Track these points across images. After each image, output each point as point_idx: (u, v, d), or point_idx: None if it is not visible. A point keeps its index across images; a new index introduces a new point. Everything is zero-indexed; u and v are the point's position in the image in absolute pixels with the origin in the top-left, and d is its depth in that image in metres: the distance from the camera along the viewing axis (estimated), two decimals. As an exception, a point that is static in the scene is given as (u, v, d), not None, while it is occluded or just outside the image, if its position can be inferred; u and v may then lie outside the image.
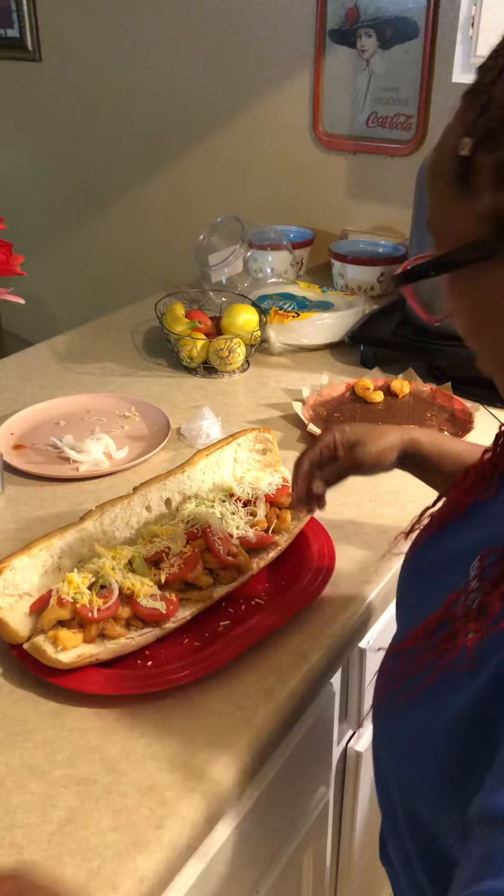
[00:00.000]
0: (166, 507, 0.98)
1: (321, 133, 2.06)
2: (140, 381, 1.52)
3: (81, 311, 2.21)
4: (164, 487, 0.98)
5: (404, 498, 1.13)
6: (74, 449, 1.24)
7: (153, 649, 0.87)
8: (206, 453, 1.03)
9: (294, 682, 0.84)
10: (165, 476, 0.99)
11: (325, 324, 1.61)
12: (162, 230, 2.50)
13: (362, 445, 0.88)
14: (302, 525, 1.01)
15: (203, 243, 1.83)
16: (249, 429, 1.09)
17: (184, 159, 2.37)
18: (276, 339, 1.60)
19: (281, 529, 0.99)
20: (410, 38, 1.85)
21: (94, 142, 2.56)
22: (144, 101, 2.38)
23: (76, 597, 0.83)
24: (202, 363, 1.53)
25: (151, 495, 0.97)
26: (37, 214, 2.79)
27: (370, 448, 0.87)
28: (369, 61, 1.93)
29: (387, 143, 1.96)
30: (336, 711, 1.00)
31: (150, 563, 0.89)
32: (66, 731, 0.78)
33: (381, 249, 1.94)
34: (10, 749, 0.76)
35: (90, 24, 2.40)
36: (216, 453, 1.04)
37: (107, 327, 1.78)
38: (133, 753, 0.75)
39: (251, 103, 2.16)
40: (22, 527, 1.08)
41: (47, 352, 1.65)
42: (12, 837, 0.67)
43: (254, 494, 0.99)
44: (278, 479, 1.02)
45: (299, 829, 0.99)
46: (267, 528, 0.97)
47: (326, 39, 1.97)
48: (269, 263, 1.90)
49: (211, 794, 0.72)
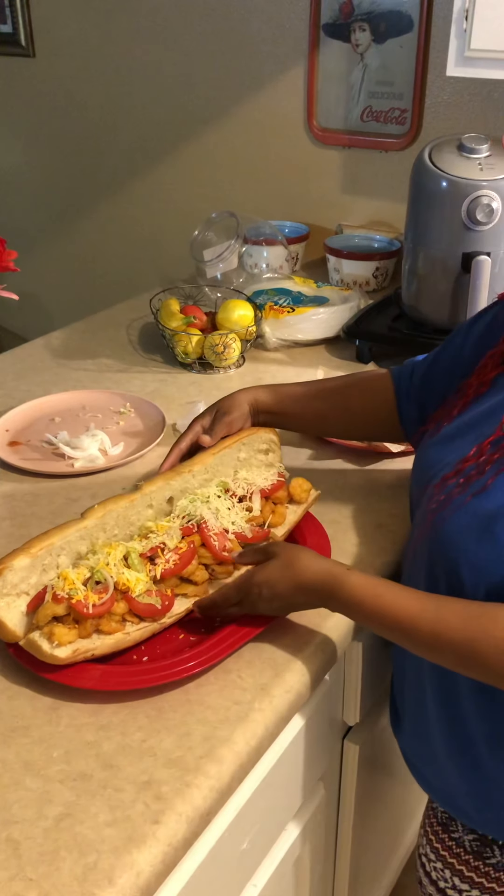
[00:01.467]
0: (168, 506, 0.97)
1: (315, 127, 2.05)
2: (135, 376, 1.52)
3: (76, 307, 2.21)
4: (168, 487, 0.97)
5: (399, 492, 1.13)
6: (70, 445, 1.24)
7: (149, 645, 0.87)
8: (213, 452, 1.01)
9: (290, 677, 0.84)
10: (172, 476, 0.98)
11: (321, 319, 1.61)
12: (156, 226, 2.49)
13: (220, 409, 1.06)
14: (298, 519, 1.01)
15: (198, 239, 1.83)
16: (255, 428, 1.07)
17: (178, 154, 2.36)
18: (271, 334, 1.60)
19: (277, 524, 0.98)
20: (404, 31, 1.84)
21: (87, 137, 2.55)
22: (139, 96, 2.38)
23: (71, 592, 0.83)
24: (197, 359, 1.53)
25: (156, 496, 0.96)
26: (30, 210, 2.79)
27: (225, 407, 1.06)
28: (363, 55, 1.93)
29: (381, 137, 1.96)
30: (333, 706, 1.01)
31: (145, 558, 0.89)
32: (62, 726, 0.78)
33: (376, 244, 1.94)
34: (6, 745, 0.76)
35: (84, 20, 2.39)
36: (222, 453, 1.03)
37: (102, 323, 1.77)
38: (129, 749, 0.75)
39: (245, 98, 2.16)
40: (17, 523, 1.08)
41: (42, 348, 1.65)
42: (8, 833, 0.67)
43: (249, 489, 0.99)
44: (274, 474, 1.02)
45: (296, 823, 0.99)
46: (263, 522, 0.97)
47: (320, 33, 1.96)
48: (264, 258, 1.90)
49: (207, 788, 0.72)
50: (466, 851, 0.90)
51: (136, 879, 0.65)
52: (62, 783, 0.72)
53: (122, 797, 0.71)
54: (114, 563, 0.87)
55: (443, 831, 0.93)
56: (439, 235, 1.45)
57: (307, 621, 0.90)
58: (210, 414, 1.07)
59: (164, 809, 0.70)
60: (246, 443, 1.04)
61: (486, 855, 0.89)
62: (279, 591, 0.83)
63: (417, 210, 1.48)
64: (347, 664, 1.01)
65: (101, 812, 0.69)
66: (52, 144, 2.65)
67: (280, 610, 0.86)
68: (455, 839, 0.91)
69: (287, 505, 1.01)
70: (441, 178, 1.41)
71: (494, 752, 0.82)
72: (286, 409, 1.09)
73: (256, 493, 0.99)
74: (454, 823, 0.92)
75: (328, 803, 1.08)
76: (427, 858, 0.95)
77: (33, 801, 0.70)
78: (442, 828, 0.93)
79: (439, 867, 0.93)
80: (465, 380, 0.93)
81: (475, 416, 0.87)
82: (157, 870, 0.67)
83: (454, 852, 0.91)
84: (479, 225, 1.40)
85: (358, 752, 1.08)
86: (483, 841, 0.89)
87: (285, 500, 1.01)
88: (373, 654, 1.03)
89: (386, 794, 1.30)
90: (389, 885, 1.46)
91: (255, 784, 0.83)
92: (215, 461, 1.01)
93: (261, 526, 0.97)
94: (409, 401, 1.05)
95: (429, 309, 1.51)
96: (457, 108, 1.84)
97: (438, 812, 0.94)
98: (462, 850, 0.91)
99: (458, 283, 1.44)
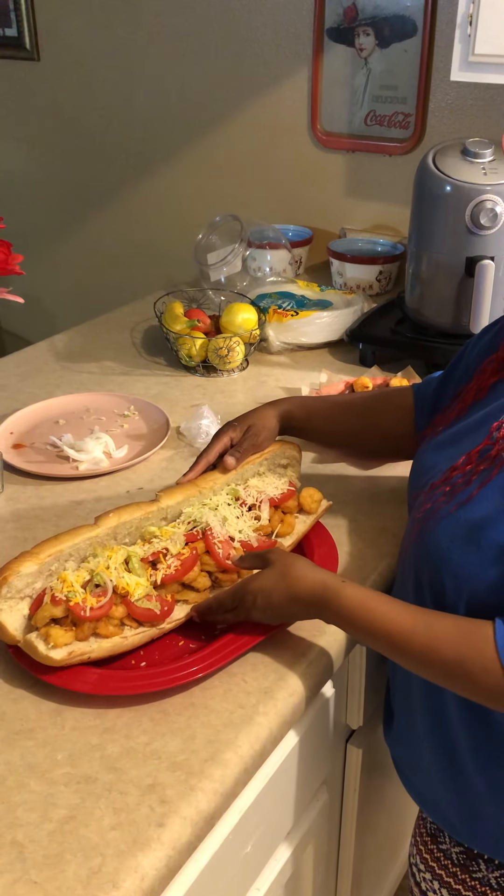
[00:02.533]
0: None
1: (319, 131, 2.06)
2: (139, 379, 1.52)
3: (80, 310, 2.21)
4: (187, 503, 0.95)
5: (402, 496, 1.13)
6: (74, 448, 1.24)
7: (148, 650, 0.87)
8: (237, 469, 1.00)
9: (294, 681, 0.84)
10: (192, 492, 0.96)
11: (324, 322, 1.61)
12: (161, 229, 2.49)
13: (251, 427, 1.03)
14: (307, 529, 1.00)
15: (202, 242, 1.83)
16: (278, 443, 1.06)
17: (182, 158, 2.37)
18: (274, 337, 1.60)
19: (285, 534, 0.98)
20: (409, 36, 1.85)
21: (92, 141, 2.55)
22: (143, 100, 2.38)
23: (69, 595, 0.83)
24: (201, 362, 1.53)
25: (173, 511, 0.94)
26: (35, 213, 2.79)
27: (257, 427, 1.03)
28: (367, 60, 1.93)
29: (385, 141, 1.96)
30: (336, 710, 1.01)
31: (147, 563, 0.89)
32: (66, 729, 0.78)
33: (379, 248, 1.95)
34: (11, 747, 0.76)
35: (88, 24, 2.40)
36: (247, 467, 1.02)
37: (106, 326, 1.78)
38: (133, 752, 0.75)
39: (250, 102, 2.16)
40: (21, 526, 1.09)
41: (46, 351, 1.65)
42: (13, 836, 0.67)
43: (258, 498, 0.98)
44: (284, 483, 1.01)
45: (299, 827, 0.99)
46: (270, 532, 0.96)
47: (325, 38, 1.97)
48: (267, 262, 1.90)
49: (211, 792, 0.72)
50: (454, 864, 0.90)
51: (140, 883, 0.65)
52: (67, 786, 0.72)
53: (127, 800, 0.71)
54: (114, 566, 0.87)
55: (431, 842, 0.93)
56: (443, 239, 1.45)
57: (311, 625, 0.90)
58: (240, 428, 1.04)
59: (168, 813, 0.70)
60: (268, 458, 1.04)
61: (473, 869, 0.88)
62: (273, 600, 0.83)
63: (421, 214, 1.48)
64: (351, 668, 1.02)
65: (105, 815, 0.69)
66: (57, 148, 2.66)
67: (274, 619, 0.86)
68: (443, 850, 0.91)
69: (297, 515, 1.01)
70: (445, 182, 1.41)
71: (480, 766, 0.82)
72: (317, 425, 1.09)
73: (265, 502, 0.98)
74: (442, 835, 0.91)
75: (331, 807, 1.08)
76: (417, 868, 0.95)
77: (38, 804, 0.70)
78: (431, 838, 0.93)
79: (428, 878, 0.93)
80: (465, 385, 0.93)
81: (470, 423, 0.87)
82: (162, 873, 0.67)
83: (442, 864, 0.91)
84: (483, 229, 1.40)
85: (361, 755, 1.08)
86: (469, 854, 0.88)
87: (295, 510, 1.01)
88: (376, 659, 1.03)
89: (389, 798, 1.30)
90: (391, 889, 1.46)
91: (259, 788, 0.83)
92: (236, 476, 1.00)
93: (268, 535, 0.96)
94: (423, 415, 1.04)
95: (432, 313, 1.51)
96: (460, 113, 1.84)
97: (428, 823, 0.94)
98: (450, 863, 0.90)
99: (461, 288, 1.44)
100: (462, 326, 1.45)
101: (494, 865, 0.86)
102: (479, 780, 0.82)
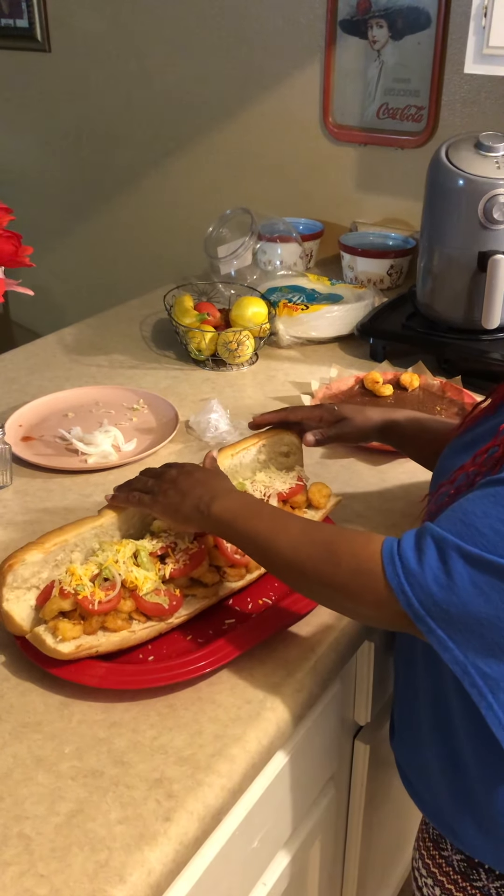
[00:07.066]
0: None
1: (331, 124, 2.04)
2: (148, 373, 1.52)
3: (90, 303, 2.21)
4: None
5: (413, 492, 1.13)
6: (83, 441, 1.24)
7: (156, 644, 0.87)
8: (230, 453, 1.00)
9: (302, 676, 0.84)
10: None
11: (335, 316, 1.60)
12: (171, 222, 2.49)
13: (348, 420, 1.03)
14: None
15: (212, 235, 1.82)
16: (276, 430, 1.05)
17: (192, 150, 2.36)
18: (284, 331, 1.59)
19: None
20: (422, 28, 1.83)
21: (102, 133, 2.55)
22: (154, 91, 2.37)
23: (78, 588, 0.83)
24: (211, 356, 1.53)
25: None
26: (45, 206, 2.79)
27: (354, 423, 1.03)
28: (380, 52, 1.92)
29: (398, 134, 1.95)
30: (344, 706, 1.00)
31: (156, 557, 0.89)
32: (73, 723, 0.78)
33: (391, 242, 1.94)
34: (18, 740, 0.76)
35: (99, 15, 2.39)
36: (241, 454, 1.02)
37: (115, 319, 1.77)
38: (141, 746, 0.75)
39: (261, 94, 2.15)
40: (30, 519, 1.09)
41: (56, 343, 1.65)
42: (20, 828, 0.68)
43: (267, 493, 0.98)
44: (293, 478, 1.01)
45: (306, 822, 0.99)
46: None
47: (337, 30, 1.95)
48: (278, 255, 1.89)
49: (218, 787, 0.72)
50: (455, 871, 0.89)
51: (147, 877, 0.65)
52: (74, 779, 0.72)
53: (134, 794, 0.71)
54: (123, 560, 0.86)
55: (434, 847, 0.92)
56: (455, 234, 1.44)
57: (320, 621, 0.90)
58: (336, 413, 1.04)
59: (175, 807, 0.70)
60: (266, 444, 1.04)
61: (473, 877, 0.87)
62: (182, 483, 0.86)
63: (433, 208, 1.47)
64: (359, 664, 1.01)
65: (112, 809, 0.69)
66: (67, 140, 2.65)
67: (169, 507, 0.86)
68: (445, 857, 0.90)
69: (305, 510, 1.00)
70: (458, 176, 1.40)
71: (482, 775, 0.80)
72: (419, 444, 1.05)
73: (273, 497, 0.98)
74: (444, 841, 0.90)
75: (338, 803, 1.08)
76: (419, 872, 0.95)
77: (45, 797, 0.70)
78: (433, 844, 0.92)
79: (430, 884, 0.92)
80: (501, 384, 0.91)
81: (490, 427, 0.85)
82: (168, 868, 0.67)
83: (444, 870, 0.90)
84: (496, 224, 1.39)
85: (368, 752, 1.08)
86: (470, 863, 0.87)
87: (303, 505, 1.00)
88: (384, 654, 1.02)
89: (395, 796, 1.30)
90: (397, 886, 1.46)
91: (266, 783, 0.83)
92: (235, 461, 1.00)
93: None
94: None
95: (443, 308, 1.50)
96: (474, 106, 1.83)
97: (431, 828, 0.92)
98: (451, 870, 0.89)
99: (473, 282, 1.43)
100: (474, 321, 1.44)
101: (495, 875, 0.85)
102: (481, 788, 0.81)
